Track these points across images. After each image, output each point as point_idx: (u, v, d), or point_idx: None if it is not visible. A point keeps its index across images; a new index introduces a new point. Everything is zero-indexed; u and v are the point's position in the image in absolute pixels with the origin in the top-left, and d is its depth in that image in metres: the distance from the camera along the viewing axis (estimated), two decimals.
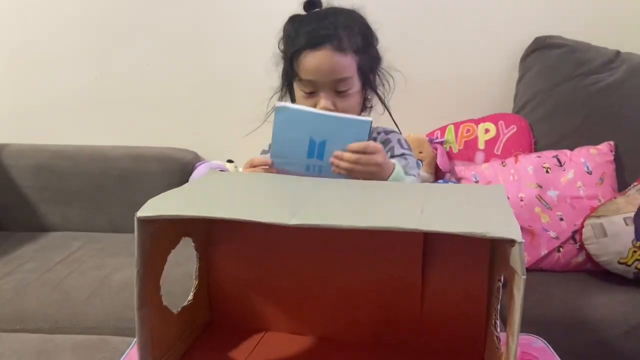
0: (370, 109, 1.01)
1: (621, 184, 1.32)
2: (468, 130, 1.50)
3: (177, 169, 1.56)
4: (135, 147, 1.62)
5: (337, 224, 0.47)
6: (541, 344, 0.73)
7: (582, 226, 1.21)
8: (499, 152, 1.45)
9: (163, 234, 0.57)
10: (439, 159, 1.44)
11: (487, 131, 1.48)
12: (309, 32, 0.89)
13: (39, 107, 1.70)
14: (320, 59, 0.87)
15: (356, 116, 0.81)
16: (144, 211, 0.50)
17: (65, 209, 1.57)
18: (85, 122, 1.71)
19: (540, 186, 1.28)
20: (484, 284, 0.64)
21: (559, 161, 1.32)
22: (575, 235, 1.23)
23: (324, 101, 0.89)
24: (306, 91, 0.91)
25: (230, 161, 1.61)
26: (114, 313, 1.06)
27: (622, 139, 1.37)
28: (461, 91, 1.59)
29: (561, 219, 1.25)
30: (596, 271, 1.22)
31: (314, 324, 0.71)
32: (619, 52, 1.47)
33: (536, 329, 0.76)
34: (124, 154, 1.59)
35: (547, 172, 1.30)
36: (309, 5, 0.94)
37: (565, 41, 1.48)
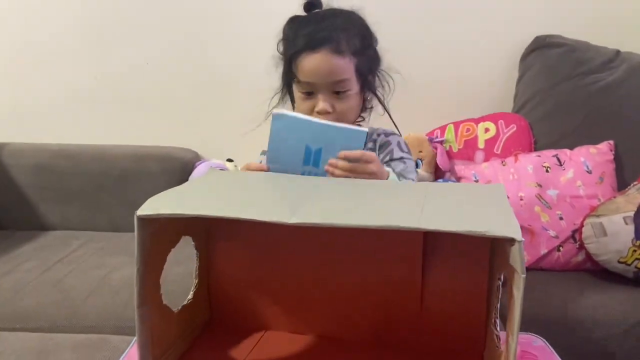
0: (370, 109, 1.01)
1: (621, 183, 1.32)
2: (468, 130, 1.50)
3: (177, 168, 1.56)
4: (135, 147, 1.62)
5: (337, 222, 0.47)
6: (541, 342, 0.73)
7: (581, 225, 1.21)
8: (498, 152, 1.45)
9: (163, 232, 0.57)
10: (439, 158, 1.44)
11: (487, 130, 1.48)
12: (307, 34, 0.89)
13: (39, 106, 1.70)
14: (318, 61, 0.88)
15: (352, 126, 0.80)
16: (144, 210, 0.50)
17: (65, 208, 1.57)
18: (86, 121, 1.71)
19: (540, 185, 1.28)
20: (483, 283, 0.64)
21: (558, 160, 1.32)
22: (575, 235, 1.23)
23: (322, 103, 0.89)
24: (305, 92, 0.92)
25: (230, 160, 1.61)
26: (114, 312, 1.06)
27: (622, 139, 1.37)
28: (461, 90, 1.59)
29: (561, 218, 1.25)
30: (596, 270, 1.22)
31: (313, 323, 0.71)
32: (618, 52, 1.47)
33: (536, 327, 0.76)
34: (124, 153, 1.59)
35: (546, 171, 1.30)
36: (309, 5, 0.94)
37: (565, 40, 1.48)
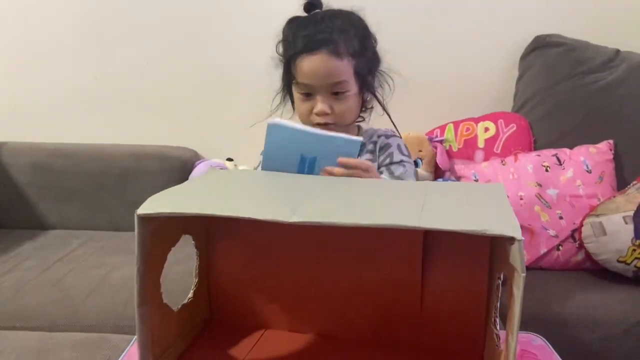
0: (370, 109, 1.01)
1: (620, 182, 1.32)
2: (468, 129, 1.50)
3: (177, 168, 1.56)
4: (134, 146, 1.62)
5: (337, 221, 0.47)
6: (540, 341, 0.73)
7: (581, 225, 1.21)
8: (498, 151, 1.45)
9: (163, 231, 0.57)
10: (439, 157, 1.44)
11: (486, 130, 1.48)
12: (305, 36, 0.89)
13: (39, 105, 1.70)
14: (316, 63, 0.88)
15: (347, 135, 0.80)
16: (144, 208, 0.50)
17: (64, 207, 1.57)
18: (85, 120, 1.70)
19: (540, 185, 1.28)
20: (483, 282, 0.64)
21: (558, 160, 1.32)
22: (574, 234, 1.23)
23: (320, 104, 0.91)
24: (303, 94, 0.93)
25: (230, 159, 1.61)
26: (114, 311, 1.06)
27: (622, 138, 1.37)
28: (461, 90, 1.59)
29: (560, 217, 1.25)
30: (595, 270, 1.21)
31: (313, 322, 0.71)
32: (618, 51, 1.46)
33: (536, 327, 0.76)
34: (124, 153, 1.59)
35: (546, 170, 1.30)
36: (309, 6, 0.94)
37: (565, 40, 1.48)
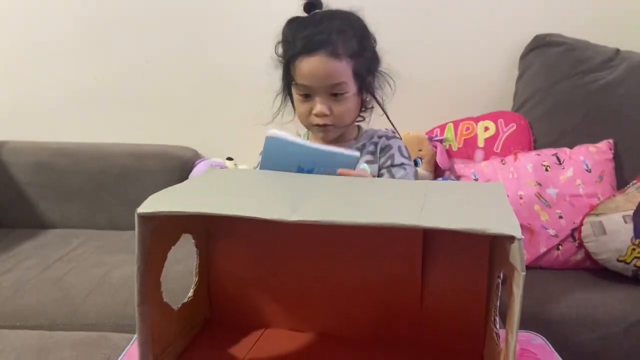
0: (371, 109, 1.02)
1: (620, 182, 1.32)
2: (467, 128, 1.50)
3: (177, 167, 1.56)
4: (135, 145, 1.62)
5: (337, 220, 0.47)
6: (540, 341, 0.73)
7: (581, 224, 1.22)
8: (498, 150, 1.45)
9: (163, 230, 0.57)
10: (439, 156, 1.44)
11: (486, 129, 1.48)
12: (304, 37, 0.89)
13: (40, 105, 1.70)
14: (314, 64, 0.88)
15: (344, 150, 0.80)
16: (144, 207, 0.50)
17: (65, 206, 1.57)
18: (86, 120, 1.70)
19: (540, 184, 1.28)
20: (483, 280, 0.64)
21: (558, 159, 1.32)
22: (574, 233, 1.24)
23: (319, 106, 0.91)
24: (302, 95, 0.93)
25: (230, 159, 1.61)
26: (114, 310, 1.06)
27: (622, 137, 1.37)
28: (461, 89, 1.59)
29: (560, 217, 1.25)
30: (595, 269, 1.22)
31: (313, 321, 0.71)
32: (618, 51, 1.46)
33: (535, 326, 0.76)
34: (124, 152, 1.59)
35: (546, 170, 1.30)
36: (309, 6, 0.94)
37: (564, 39, 1.48)
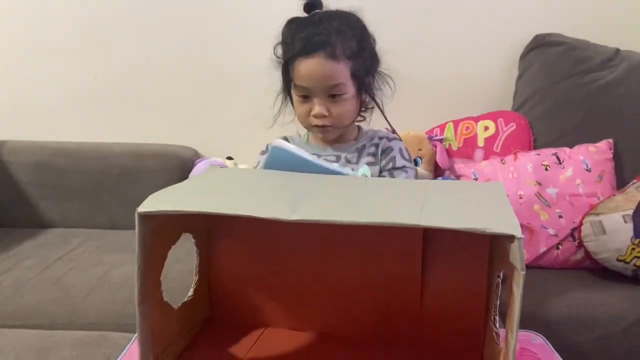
0: (372, 109, 1.02)
1: (620, 181, 1.32)
2: (467, 128, 1.50)
3: (177, 166, 1.56)
4: (135, 144, 1.62)
5: (337, 219, 0.47)
6: (540, 340, 0.73)
7: (580, 224, 1.22)
8: (498, 150, 1.45)
9: (163, 229, 0.57)
10: (439, 156, 1.44)
11: (486, 129, 1.48)
12: (303, 39, 0.90)
13: (40, 104, 1.70)
14: (312, 66, 0.89)
15: (346, 169, 0.81)
16: (144, 207, 0.50)
17: (65, 205, 1.57)
18: (86, 119, 1.70)
19: (540, 184, 1.28)
20: (483, 280, 0.64)
21: (558, 159, 1.32)
22: (574, 233, 1.24)
23: (318, 107, 0.91)
24: (301, 96, 0.93)
25: (230, 158, 1.61)
26: (114, 309, 1.06)
27: (621, 137, 1.37)
28: (461, 89, 1.59)
29: (560, 216, 1.25)
30: (595, 268, 1.22)
31: (313, 320, 0.71)
32: (618, 50, 1.46)
33: (535, 325, 0.76)
34: (124, 151, 1.59)
35: (546, 169, 1.30)
36: (309, 6, 0.94)
37: (564, 39, 1.48)
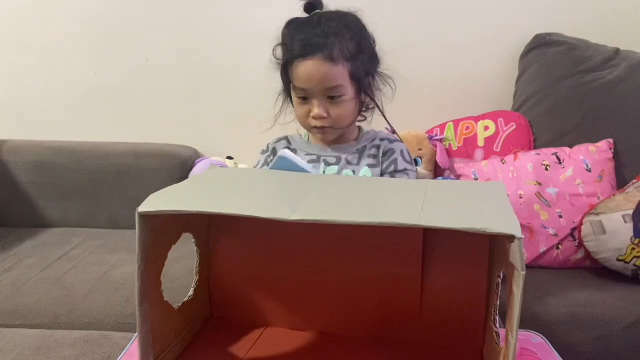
0: (372, 109, 1.02)
1: (620, 181, 1.32)
2: (467, 128, 1.50)
3: (177, 165, 1.56)
4: (134, 144, 1.62)
5: (337, 219, 0.47)
6: (540, 340, 0.73)
7: (580, 223, 1.22)
8: (498, 149, 1.45)
9: (164, 229, 0.57)
10: (438, 155, 1.44)
11: (486, 128, 1.48)
12: (301, 41, 0.90)
13: (39, 103, 1.70)
14: (310, 68, 0.89)
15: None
16: (144, 206, 0.50)
17: (64, 204, 1.57)
18: (85, 118, 1.70)
19: (540, 183, 1.28)
20: (483, 279, 0.64)
21: (558, 158, 1.32)
22: (574, 233, 1.24)
23: (316, 109, 0.92)
24: (300, 97, 0.94)
25: (230, 157, 1.61)
26: (114, 308, 1.06)
27: (621, 137, 1.37)
28: (460, 88, 1.59)
29: (560, 216, 1.25)
30: (594, 268, 1.22)
31: (313, 319, 0.71)
32: (618, 50, 1.46)
33: (535, 325, 0.76)
34: (124, 150, 1.59)
35: (546, 169, 1.30)
36: (309, 6, 0.94)
37: (564, 39, 1.48)
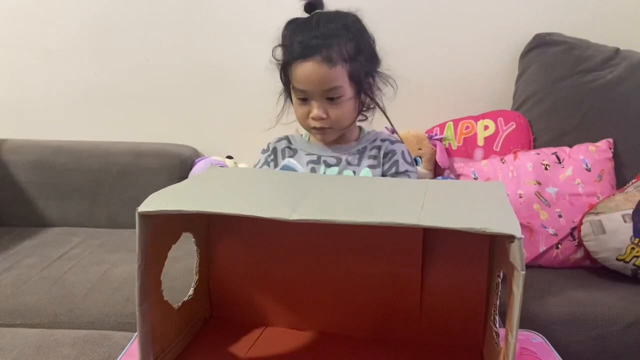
0: (373, 109, 1.01)
1: (620, 181, 1.32)
2: (467, 127, 1.50)
3: (177, 165, 1.56)
4: (134, 143, 1.62)
5: (337, 219, 0.47)
6: (540, 339, 0.73)
7: (580, 223, 1.22)
8: (498, 149, 1.45)
9: (164, 229, 0.57)
10: (438, 155, 1.44)
11: (486, 128, 1.48)
12: (300, 42, 0.90)
13: (39, 102, 1.70)
14: (309, 69, 0.89)
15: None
16: (145, 206, 0.50)
17: (65, 204, 1.57)
18: (85, 118, 1.70)
19: (539, 183, 1.28)
20: (483, 279, 0.64)
21: (558, 158, 1.32)
22: (573, 232, 1.24)
23: (316, 110, 0.92)
24: (300, 98, 0.94)
25: (230, 157, 1.61)
26: (114, 308, 1.06)
27: (621, 136, 1.37)
28: (460, 88, 1.59)
29: (560, 215, 1.25)
30: (594, 268, 1.22)
31: (313, 319, 0.71)
32: (618, 50, 1.46)
33: (535, 325, 0.76)
34: (124, 150, 1.59)
35: (546, 169, 1.30)
36: (309, 6, 0.94)
37: (564, 38, 1.48)
